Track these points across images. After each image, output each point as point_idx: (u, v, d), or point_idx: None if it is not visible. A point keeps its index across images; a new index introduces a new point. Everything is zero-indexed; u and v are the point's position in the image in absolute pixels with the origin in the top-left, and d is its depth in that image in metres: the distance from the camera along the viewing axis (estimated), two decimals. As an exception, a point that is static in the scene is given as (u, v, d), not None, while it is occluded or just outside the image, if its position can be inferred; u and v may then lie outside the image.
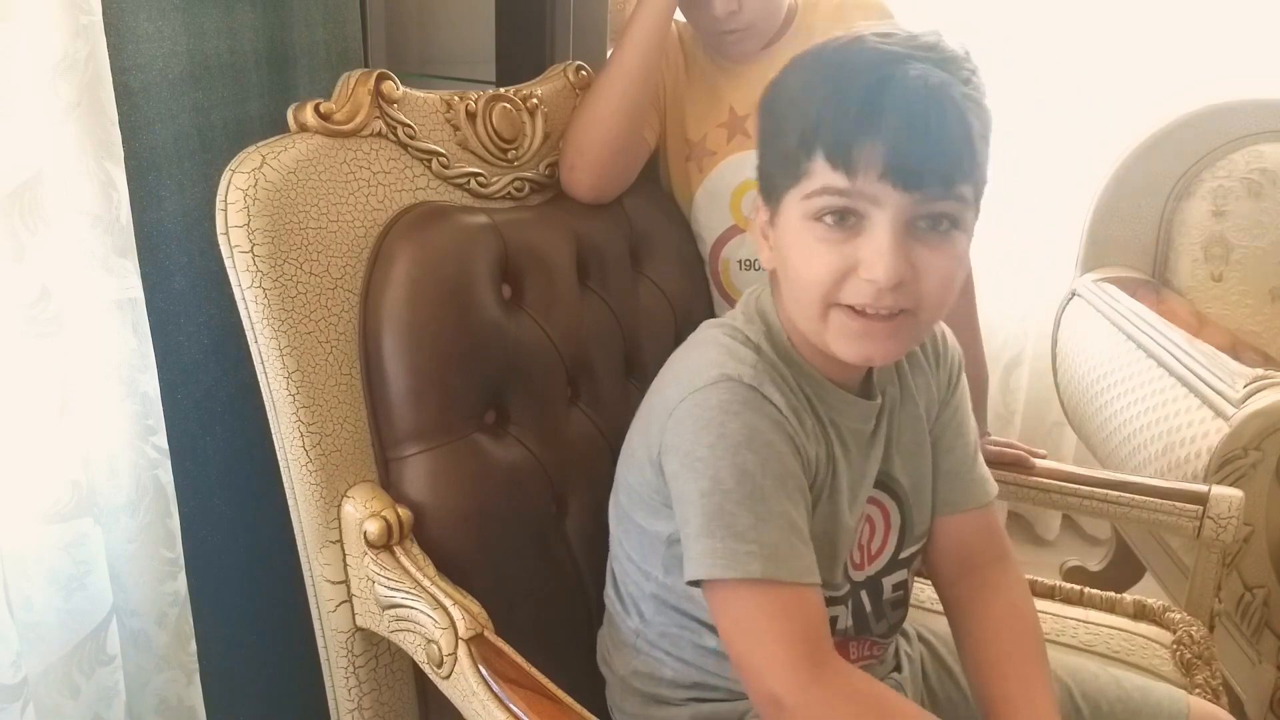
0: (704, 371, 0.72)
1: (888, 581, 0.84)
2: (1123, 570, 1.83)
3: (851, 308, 0.70)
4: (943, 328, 0.87)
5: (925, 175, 0.66)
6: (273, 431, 0.80)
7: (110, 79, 0.74)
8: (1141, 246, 1.79)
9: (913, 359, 0.84)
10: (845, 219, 0.68)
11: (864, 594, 0.82)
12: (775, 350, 0.75)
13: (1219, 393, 1.32)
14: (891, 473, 0.82)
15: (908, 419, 0.83)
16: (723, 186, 1.12)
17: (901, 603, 0.85)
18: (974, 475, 0.85)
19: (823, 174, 0.68)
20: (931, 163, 0.66)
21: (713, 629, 0.76)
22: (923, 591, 1.13)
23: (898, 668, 0.89)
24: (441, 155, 0.88)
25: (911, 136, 0.65)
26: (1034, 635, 0.79)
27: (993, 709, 0.75)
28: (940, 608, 0.86)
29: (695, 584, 0.71)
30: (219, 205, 0.75)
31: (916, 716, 0.69)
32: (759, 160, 0.76)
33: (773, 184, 0.73)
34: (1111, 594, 1.12)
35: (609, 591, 0.87)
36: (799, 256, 0.71)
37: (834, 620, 0.79)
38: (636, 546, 0.81)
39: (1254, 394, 1.27)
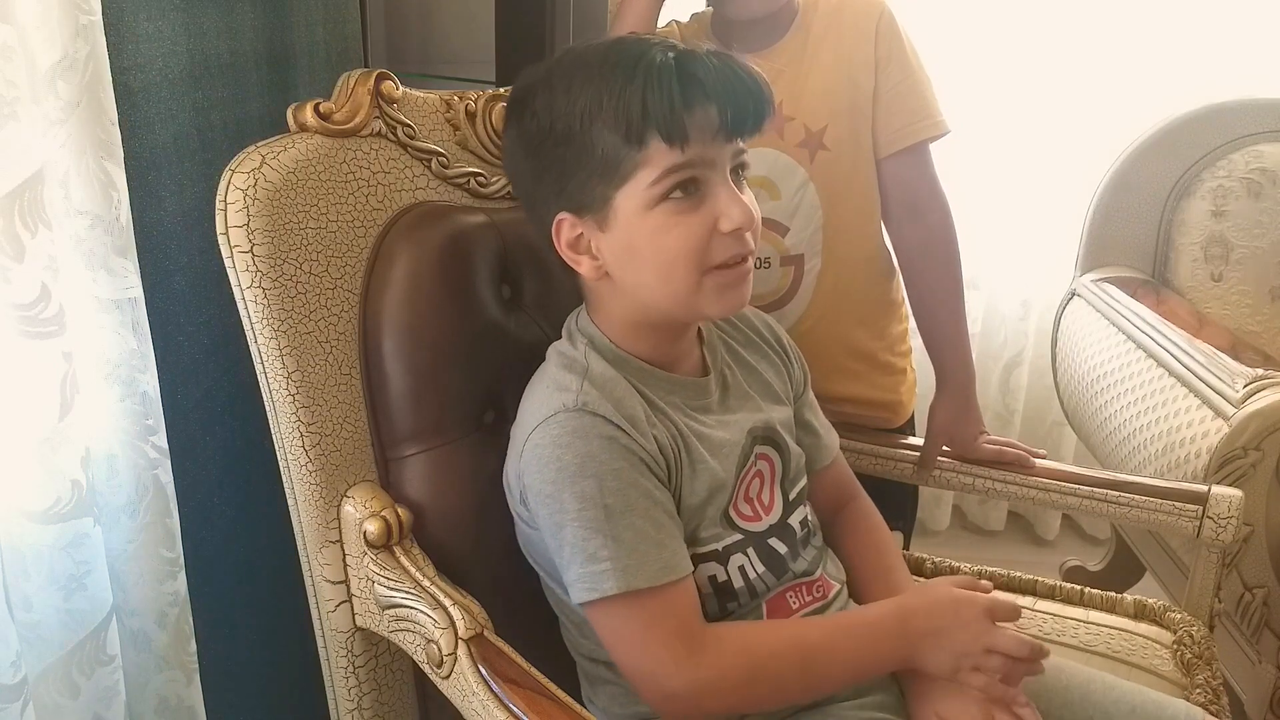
0: (538, 410, 0.78)
1: (794, 521, 0.88)
2: (1123, 570, 1.83)
3: (722, 265, 0.77)
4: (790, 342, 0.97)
5: (748, 120, 0.76)
6: (273, 431, 0.80)
7: (110, 79, 0.74)
8: (1141, 246, 1.79)
9: (749, 343, 0.93)
10: (687, 190, 0.75)
11: (774, 540, 0.85)
12: (604, 357, 0.81)
13: (1219, 393, 1.32)
14: (773, 425, 0.88)
15: (756, 382, 0.91)
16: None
17: (810, 535, 0.90)
18: (826, 440, 0.97)
19: (660, 157, 0.74)
20: (752, 107, 0.76)
21: None
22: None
23: None
24: (441, 155, 0.88)
25: (734, 91, 0.74)
26: (890, 551, 0.94)
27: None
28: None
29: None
30: (218, 205, 0.75)
31: (787, 637, 0.79)
32: (556, 186, 0.79)
33: (590, 195, 0.77)
34: (1112, 594, 1.12)
35: (563, 631, 0.87)
36: (656, 243, 0.76)
37: (741, 570, 0.82)
38: (554, 570, 0.81)
39: (1254, 394, 1.27)
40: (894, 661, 0.79)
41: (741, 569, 0.82)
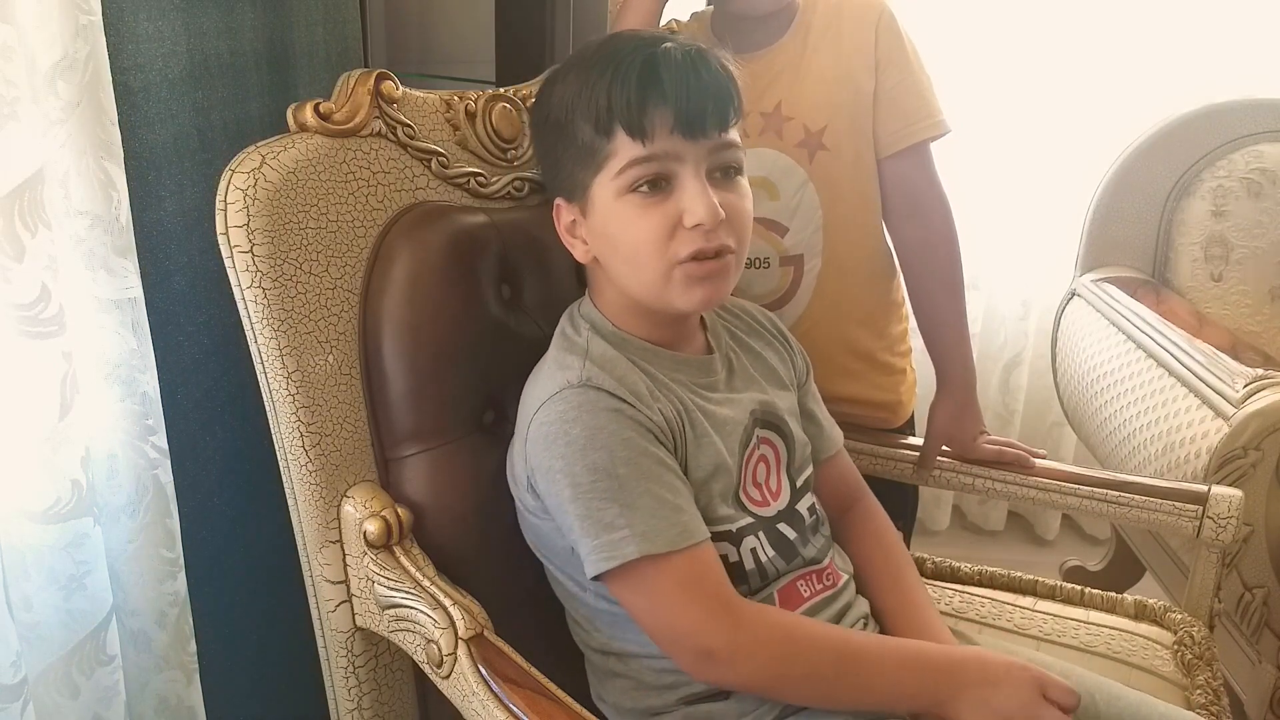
0: (542, 390, 0.79)
1: (801, 508, 0.89)
2: (1123, 570, 1.83)
3: (690, 259, 0.78)
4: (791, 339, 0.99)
5: (708, 120, 0.77)
6: (273, 431, 0.80)
7: (110, 79, 0.74)
8: (1141, 246, 1.79)
9: (752, 332, 0.95)
10: (657, 185, 0.78)
11: (783, 526, 0.86)
12: (605, 340, 0.83)
13: (1219, 393, 1.32)
14: (775, 408, 0.89)
15: (761, 366, 0.92)
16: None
17: (819, 523, 0.91)
18: (829, 432, 0.97)
19: (625, 149, 0.77)
20: (710, 107, 0.77)
21: None
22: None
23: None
24: (441, 155, 0.88)
25: (690, 90, 0.77)
26: (898, 552, 0.95)
27: (884, 619, 0.89)
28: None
29: (598, 580, 0.76)
30: (218, 205, 0.75)
31: (829, 633, 0.79)
32: (554, 172, 0.84)
33: (575, 182, 0.81)
34: (1112, 594, 1.12)
35: (571, 627, 0.87)
36: (624, 231, 0.79)
37: (753, 553, 0.82)
38: (563, 561, 0.82)
39: (1254, 394, 1.27)
40: (931, 699, 0.76)
41: (753, 551, 0.83)
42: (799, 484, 0.90)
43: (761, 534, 0.84)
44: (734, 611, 0.75)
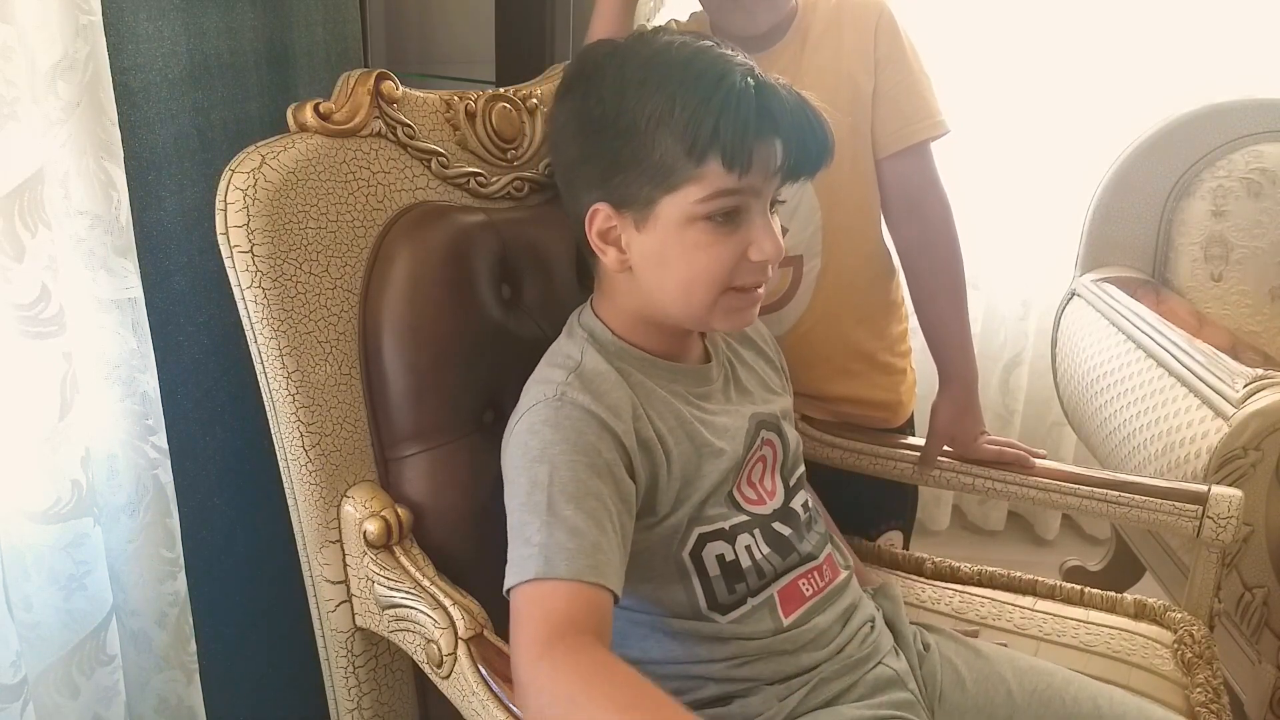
0: (522, 405, 0.79)
1: (795, 505, 0.90)
2: (1123, 570, 1.83)
3: (740, 288, 0.79)
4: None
5: (810, 165, 0.78)
6: (272, 431, 0.80)
7: (110, 79, 0.74)
8: (1141, 246, 1.79)
9: (744, 341, 0.97)
10: (730, 216, 0.77)
11: (778, 524, 0.87)
12: (603, 352, 0.82)
13: (1219, 392, 1.32)
14: (775, 414, 0.91)
15: (753, 375, 0.94)
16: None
17: (813, 520, 0.92)
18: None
19: (716, 178, 0.75)
20: (820, 154, 0.78)
21: (668, 611, 0.81)
22: (923, 591, 1.13)
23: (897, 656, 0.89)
24: (441, 155, 0.88)
25: (804, 136, 0.77)
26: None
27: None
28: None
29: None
30: (218, 205, 0.75)
31: (638, 683, 0.63)
32: (604, 174, 0.79)
33: (634, 194, 0.78)
34: (1112, 594, 1.12)
35: None
36: (687, 257, 0.78)
37: (748, 549, 0.83)
38: None
39: (1254, 394, 1.27)
40: None
41: (748, 549, 0.83)
42: (792, 483, 0.91)
43: (757, 531, 0.84)
44: (550, 644, 0.64)
